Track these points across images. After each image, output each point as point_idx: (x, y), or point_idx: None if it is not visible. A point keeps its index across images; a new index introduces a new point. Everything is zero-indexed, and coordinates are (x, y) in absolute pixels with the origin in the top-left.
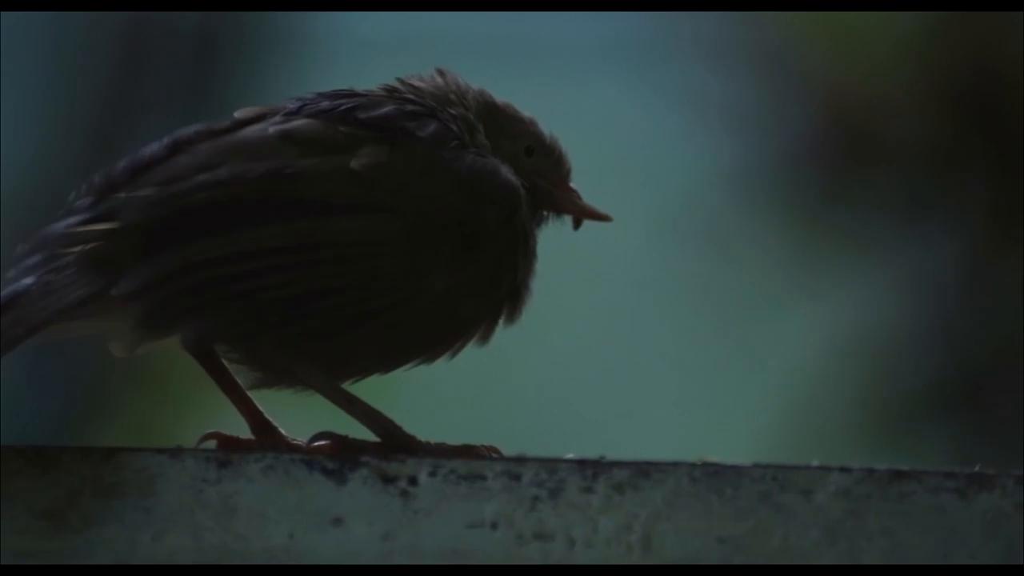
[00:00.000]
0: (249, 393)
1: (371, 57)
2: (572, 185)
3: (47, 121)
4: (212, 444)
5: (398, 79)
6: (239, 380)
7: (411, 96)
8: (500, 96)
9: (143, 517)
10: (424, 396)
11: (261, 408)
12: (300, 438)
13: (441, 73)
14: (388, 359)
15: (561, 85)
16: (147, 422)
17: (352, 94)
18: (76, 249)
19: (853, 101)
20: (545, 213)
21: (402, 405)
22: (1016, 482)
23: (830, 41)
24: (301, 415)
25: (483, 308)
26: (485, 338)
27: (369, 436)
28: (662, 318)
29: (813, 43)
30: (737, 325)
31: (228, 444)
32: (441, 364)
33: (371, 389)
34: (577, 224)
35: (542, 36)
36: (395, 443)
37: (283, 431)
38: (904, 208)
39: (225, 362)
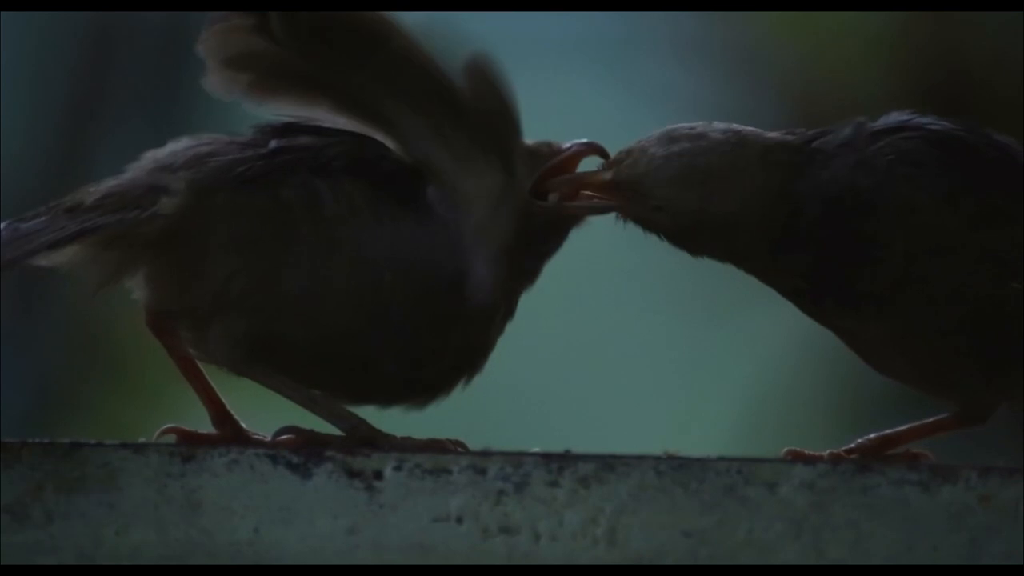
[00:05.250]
0: (212, 382)
1: None
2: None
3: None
4: (172, 439)
5: None
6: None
7: None
8: None
9: (106, 512)
10: None
11: (223, 399)
12: (263, 433)
13: None
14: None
15: (533, 82)
16: (117, 419)
17: None
18: None
19: (824, 99)
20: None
21: None
22: (979, 475)
23: (801, 39)
24: (266, 411)
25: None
26: (423, 405)
27: (334, 431)
28: (630, 313)
29: (785, 41)
30: (707, 320)
31: (188, 439)
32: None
33: None
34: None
35: (514, 33)
36: (360, 437)
37: (244, 425)
38: None
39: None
